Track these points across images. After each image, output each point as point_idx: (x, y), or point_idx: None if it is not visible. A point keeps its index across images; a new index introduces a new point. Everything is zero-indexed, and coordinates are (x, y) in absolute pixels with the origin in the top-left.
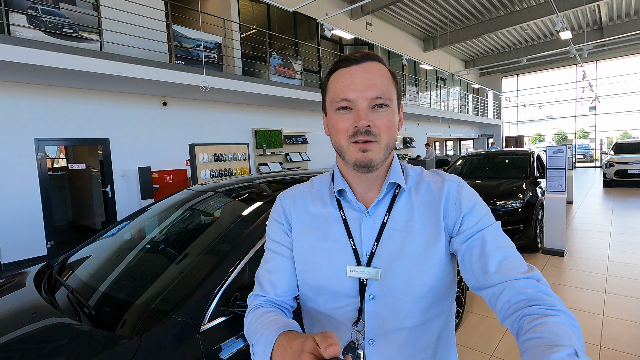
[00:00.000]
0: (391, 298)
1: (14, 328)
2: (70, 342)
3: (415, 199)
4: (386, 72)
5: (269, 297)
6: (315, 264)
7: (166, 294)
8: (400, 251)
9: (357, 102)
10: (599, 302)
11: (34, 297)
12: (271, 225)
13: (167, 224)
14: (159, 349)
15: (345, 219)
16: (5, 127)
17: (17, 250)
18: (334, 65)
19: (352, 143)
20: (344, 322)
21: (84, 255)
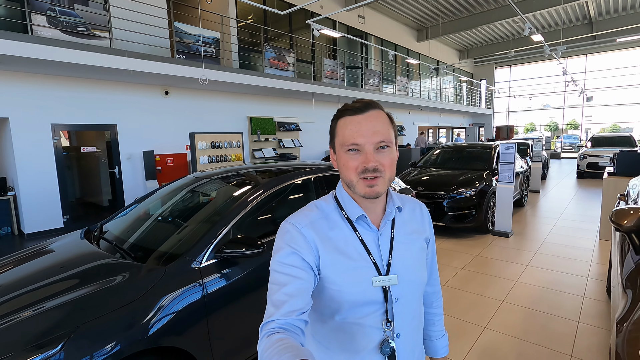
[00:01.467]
0: (408, 296)
1: (84, 263)
2: (123, 269)
3: (406, 217)
4: (386, 118)
5: (287, 319)
6: (348, 281)
7: (179, 244)
8: (407, 258)
9: (365, 146)
10: (518, 272)
11: (89, 247)
12: (284, 250)
13: (177, 199)
14: (176, 275)
15: (362, 239)
16: (26, 113)
17: (38, 223)
18: (339, 112)
19: (361, 179)
20: (374, 325)
21: (116, 222)
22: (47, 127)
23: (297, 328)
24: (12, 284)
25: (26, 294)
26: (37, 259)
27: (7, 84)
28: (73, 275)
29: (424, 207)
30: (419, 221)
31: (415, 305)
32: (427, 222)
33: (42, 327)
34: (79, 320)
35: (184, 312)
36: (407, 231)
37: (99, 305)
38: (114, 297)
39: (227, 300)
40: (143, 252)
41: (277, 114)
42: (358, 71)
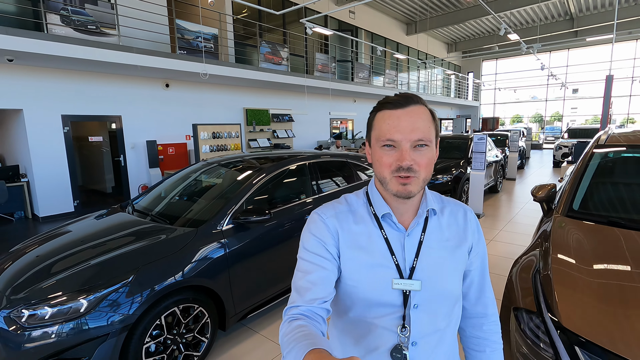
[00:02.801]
0: (431, 306)
1: (133, 226)
2: (164, 230)
3: (443, 221)
4: (428, 115)
5: (309, 307)
6: (365, 278)
7: (204, 213)
8: (436, 265)
9: (402, 143)
10: None
11: (130, 217)
12: (309, 240)
13: (194, 180)
14: (204, 235)
15: (386, 238)
16: (38, 105)
17: (51, 207)
18: (379, 104)
19: (394, 177)
20: (389, 327)
21: (145, 199)
22: (58, 118)
23: (319, 316)
24: (87, 238)
25: (100, 246)
26: (95, 224)
27: (21, 77)
28: (128, 234)
29: (469, 212)
30: (461, 227)
31: (440, 318)
32: (471, 230)
33: (118, 266)
34: (140, 263)
35: (211, 262)
36: (442, 237)
37: (153, 254)
38: (162, 248)
39: (242, 256)
40: (176, 219)
41: (272, 106)
42: (349, 64)
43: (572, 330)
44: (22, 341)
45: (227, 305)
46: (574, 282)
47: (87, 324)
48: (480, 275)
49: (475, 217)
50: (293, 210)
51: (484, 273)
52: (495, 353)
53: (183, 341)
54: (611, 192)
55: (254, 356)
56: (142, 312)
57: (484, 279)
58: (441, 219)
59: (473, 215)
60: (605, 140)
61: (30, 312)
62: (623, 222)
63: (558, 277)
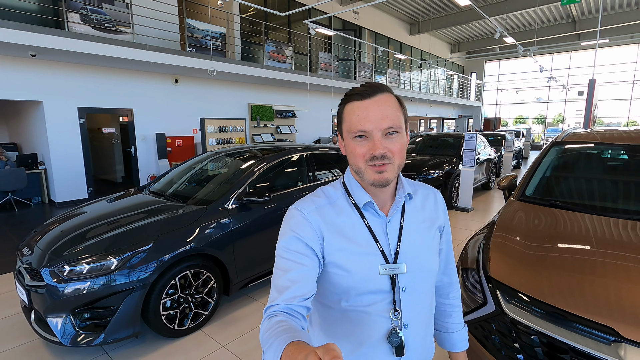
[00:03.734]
0: (417, 286)
1: (151, 204)
2: (178, 207)
3: (418, 204)
4: (395, 102)
5: (288, 304)
6: (355, 267)
7: (212, 194)
8: (417, 247)
9: (372, 132)
10: (468, 236)
11: (148, 197)
12: (288, 237)
13: (202, 167)
14: (213, 211)
15: (369, 226)
16: (57, 97)
17: (66, 193)
18: (346, 97)
19: (369, 166)
20: (381, 313)
21: (159, 183)
22: (75, 110)
23: (298, 313)
24: (111, 213)
25: (124, 218)
26: (117, 202)
27: (42, 71)
28: (147, 210)
29: (438, 195)
30: (432, 209)
31: (426, 295)
32: (441, 210)
33: (141, 234)
34: (159, 232)
35: (219, 235)
36: (418, 219)
37: (170, 225)
38: (177, 221)
39: (244, 232)
40: (188, 199)
41: (276, 102)
42: (351, 63)
43: (496, 278)
44: (63, 291)
45: (231, 273)
46: (505, 248)
47: (115, 279)
48: (447, 248)
49: (442, 199)
50: (290, 195)
51: (449, 246)
52: (459, 315)
53: (193, 300)
54: (560, 181)
55: (252, 318)
56: (160, 273)
57: (449, 251)
58: (416, 202)
59: (441, 197)
60: (563, 138)
61: (71, 268)
62: (564, 205)
63: (494, 245)
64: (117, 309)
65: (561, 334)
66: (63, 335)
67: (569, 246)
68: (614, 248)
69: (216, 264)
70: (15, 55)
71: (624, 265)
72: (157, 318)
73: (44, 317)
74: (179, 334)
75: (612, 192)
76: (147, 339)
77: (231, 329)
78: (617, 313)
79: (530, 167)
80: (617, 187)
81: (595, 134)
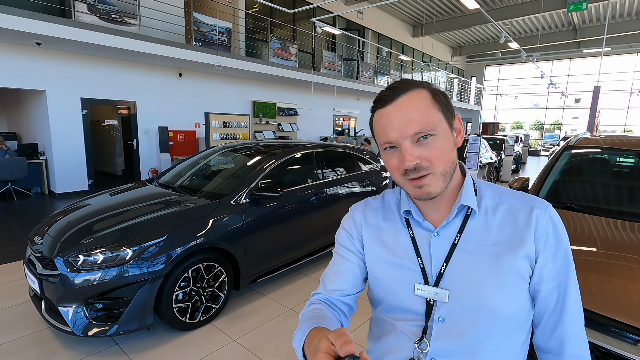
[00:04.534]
0: (461, 321)
1: (164, 196)
2: (191, 200)
3: (494, 221)
4: (423, 99)
5: (328, 296)
6: (384, 277)
7: (225, 187)
8: (474, 274)
9: (399, 141)
10: None
11: (159, 189)
12: (340, 232)
13: (213, 161)
14: (225, 205)
15: (413, 237)
16: (60, 87)
17: (67, 184)
18: (373, 105)
19: (407, 180)
20: (407, 334)
21: (168, 176)
22: (77, 101)
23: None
24: (124, 203)
25: (137, 209)
26: (128, 193)
27: (46, 60)
28: (159, 202)
29: (539, 212)
30: (519, 229)
31: (473, 338)
32: (538, 234)
33: (156, 226)
34: (174, 224)
35: (231, 229)
36: (487, 240)
37: (184, 217)
38: (190, 214)
39: (256, 227)
40: (199, 192)
41: (279, 100)
42: (354, 63)
43: None
44: (77, 281)
45: (241, 267)
46: None
47: (130, 270)
48: (558, 298)
49: (550, 219)
50: (301, 192)
51: (565, 297)
52: None
53: (204, 294)
54: (574, 184)
55: (262, 313)
56: (174, 265)
57: (564, 304)
58: (491, 218)
59: (545, 216)
60: (575, 143)
61: (85, 258)
62: (580, 208)
63: None
64: (131, 300)
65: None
66: (75, 325)
67: (587, 249)
68: (633, 251)
69: (228, 258)
70: (20, 44)
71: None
72: (169, 310)
73: (56, 306)
74: (190, 327)
75: (627, 196)
76: (157, 331)
77: (241, 323)
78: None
79: (542, 170)
80: (632, 191)
81: (607, 139)
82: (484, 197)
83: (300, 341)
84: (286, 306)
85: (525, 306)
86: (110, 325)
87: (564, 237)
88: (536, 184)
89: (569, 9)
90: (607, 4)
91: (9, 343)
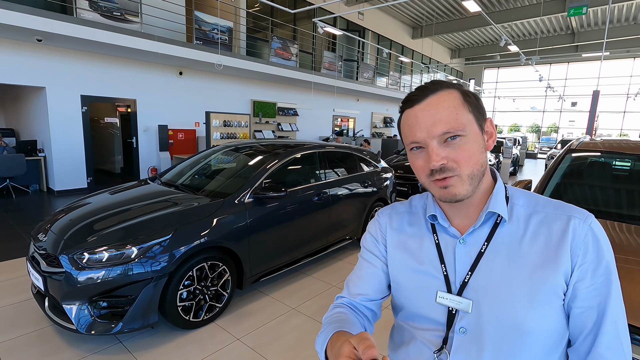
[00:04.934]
0: (486, 335)
1: (163, 195)
2: (196, 199)
3: (525, 231)
4: (453, 99)
5: (351, 300)
6: (406, 283)
7: (229, 186)
8: (501, 285)
9: (426, 141)
10: None
11: (162, 187)
12: (366, 236)
13: (216, 160)
14: (230, 204)
15: (438, 243)
16: (61, 84)
17: (66, 182)
18: (401, 106)
19: (432, 181)
20: (427, 344)
21: (171, 174)
22: (77, 98)
23: (361, 312)
24: (129, 201)
25: (142, 207)
26: (132, 191)
27: (46, 57)
28: (164, 200)
29: (578, 222)
30: (553, 242)
31: (497, 353)
32: (573, 247)
33: (161, 224)
34: (179, 223)
35: (235, 228)
36: (518, 251)
37: (188, 216)
38: (195, 212)
39: (260, 226)
40: (203, 191)
41: (279, 99)
42: (354, 64)
43: None
44: (82, 279)
45: (245, 267)
46: None
47: (135, 268)
48: (597, 319)
49: (590, 230)
50: (304, 192)
51: (604, 317)
52: None
53: (208, 293)
54: (576, 187)
55: (265, 312)
56: (179, 263)
57: (602, 325)
58: (523, 227)
59: (585, 227)
60: (577, 146)
61: (90, 255)
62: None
63: None
64: (136, 298)
65: None
66: (79, 322)
67: None
68: (635, 254)
69: (232, 257)
70: (21, 40)
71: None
72: (173, 309)
73: (60, 304)
74: (194, 325)
75: (627, 199)
76: (160, 329)
77: (245, 322)
78: None
79: (546, 172)
80: (632, 194)
81: (607, 143)
82: (516, 205)
83: (323, 344)
84: (289, 305)
85: (559, 325)
86: (115, 323)
87: (607, 252)
88: (539, 187)
89: (569, 13)
90: (605, 9)
91: (11, 341)
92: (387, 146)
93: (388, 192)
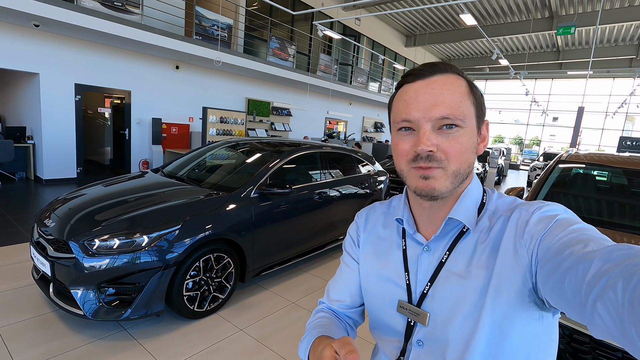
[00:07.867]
0: (441, 351)
1: (167, 186)
2: (203, 192)
3: (484, 239)
4: (459, 86)
5: (330, 306)
6: (372, 290)
7: (235, 181)
8: (455, 301)
9: (419, 122)
10: None
11: (167, 179)
12: (346, 239)
13: (217, 155)
14: (236, 199)
15: (405, 250)
16: (55, 71)
17: (55, 171)
18: (401, 79)
19: (413, 168)
20: (388, 355)
21: (173, 166)
22: (71, 86)
23: (338, 318)
24: (136, 190)
25: (151, 197)
26: (138, 181)
27: (42, 43)
28: (171, 191)
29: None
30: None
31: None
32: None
33: (171, 214)
34: (187, 214)
35: (241, 221)
36: (475, 262)
37: (197, 208)
38: (204, 205)
39: (264, 221)
40: (209, 184)
41: (273, 99)
42: (348, 68)
43: None
44: (91, 265)
45: (248, 260)
46: None
47: (145, 257)
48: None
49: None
50: (306, 190)
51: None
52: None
53: (212, 284)
54: (567, 196)
55: (267, 305)
56: (187, 253)
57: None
58: (484, 236)
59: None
60: (566, 158)
61: (100, 243)
62: None
63: None
64: (144, 286)
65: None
66: (87, 308)
67: None
68: None
69: (235, 250)
70: (17, 24)
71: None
72: (179, 298)
73: (68, 289)
74: (198, 315)
75: (607, 208)
76: (164, 318)
77: (247, 313)
78: None
79: (537, 181)
80: (612, 205)
81: (594, 156)
82: (488, 211)
83: (306, 350)
84: (289, 299)
85: (527, 337)
86: (123, 310)
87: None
88: (530, 196)
89: (558, 32)
90: (589, 30)
91: (13, 325)
92: (378, 151)
93: (382, 195)
